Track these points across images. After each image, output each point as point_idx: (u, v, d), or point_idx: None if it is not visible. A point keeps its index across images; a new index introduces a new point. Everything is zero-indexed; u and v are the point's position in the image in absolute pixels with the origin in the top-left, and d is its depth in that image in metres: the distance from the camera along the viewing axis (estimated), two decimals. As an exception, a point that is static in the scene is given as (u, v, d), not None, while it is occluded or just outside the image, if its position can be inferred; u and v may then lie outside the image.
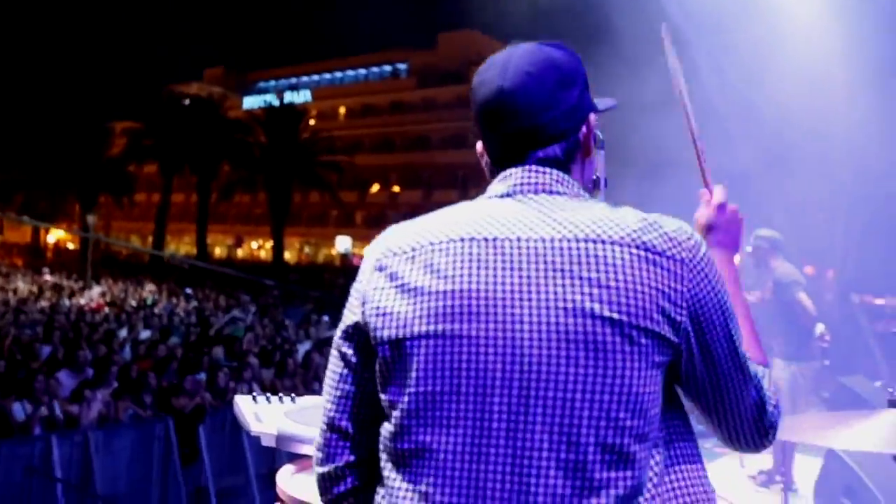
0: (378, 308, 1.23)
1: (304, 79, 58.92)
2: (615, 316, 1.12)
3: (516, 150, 1.30)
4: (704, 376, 1.23)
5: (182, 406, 9.77)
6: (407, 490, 1.19)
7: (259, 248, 55.97)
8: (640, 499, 1.13)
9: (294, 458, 2.28)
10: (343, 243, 50.40)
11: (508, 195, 1.27)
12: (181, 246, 56.18)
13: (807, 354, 5.35)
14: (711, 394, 1.26)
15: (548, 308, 1.14)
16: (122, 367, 10.93)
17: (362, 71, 56.89)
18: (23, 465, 7.39)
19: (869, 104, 10.14)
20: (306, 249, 56.11)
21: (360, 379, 1.27)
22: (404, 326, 1.19)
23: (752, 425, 1.29)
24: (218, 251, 56.00)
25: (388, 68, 55.52)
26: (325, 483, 1.31)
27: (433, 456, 1.16)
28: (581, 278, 1.14)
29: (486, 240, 1.20)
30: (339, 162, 41.00)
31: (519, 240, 1.19)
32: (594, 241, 1.17)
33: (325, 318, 18.45)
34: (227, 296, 24.24)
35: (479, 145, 1.38)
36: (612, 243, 1.16)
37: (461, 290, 1.18)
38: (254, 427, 2.26)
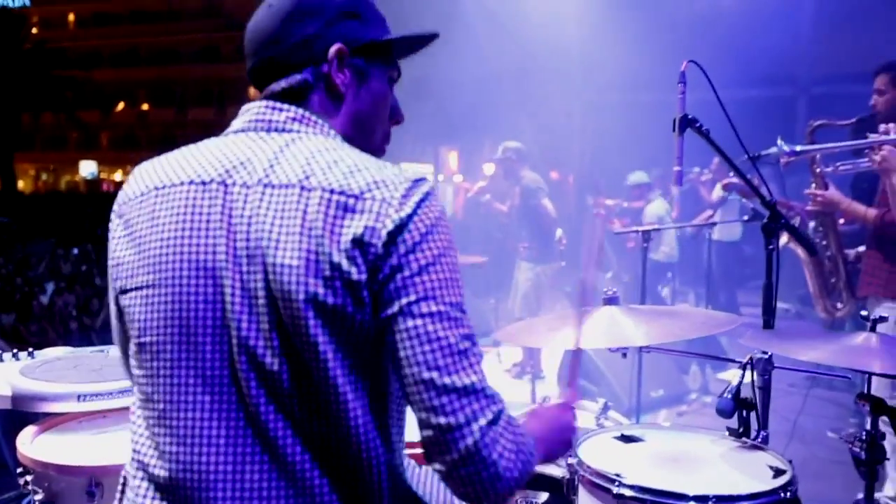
0: (114, 258, 1.23)
1: (19, -20, 51.45)
2: (291, 262, 1.10)
3: (256, 84, 1.30)
4: (393, 310, 1.12)
5: None
6: (145, 437, 1.20)
7: (-15, 177, 49.40)
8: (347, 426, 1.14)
9: (36, 418, 2.15)
10: (88, 168, 46.18)
11: (242, 131, 1.25)
12: None
13: (548, 257, 5.93)
14: (405, 339, 1.11)
15: (245, 258, 1.14)
16: None
17: (91, -26, 50.76)
18: None
19: (596, 22, 11.04)
20: (44, 177, 50.46)
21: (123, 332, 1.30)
22: (128, 277, 1.20)
23: (448, 405, 1.10)
24: (-67, 183, 48.68)
25: (119, -29, 50.06)
26: None
27: (156, 406, 1.17)
28: (270, 225, 1.13)
29: (203, 184, 1.19)
30: (75, 77, 36.79)
31: (234, 184, 1.17)
32: (293, 187, 1.14)
33: (75, 251, 16.98)
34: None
35: None
36: (311, 189, 1.13)
37: (172, 239, 1.17)
38: (-19, 390, 2.10)
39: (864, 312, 1.90)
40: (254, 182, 1.17)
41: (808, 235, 2.58)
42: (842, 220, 3.50)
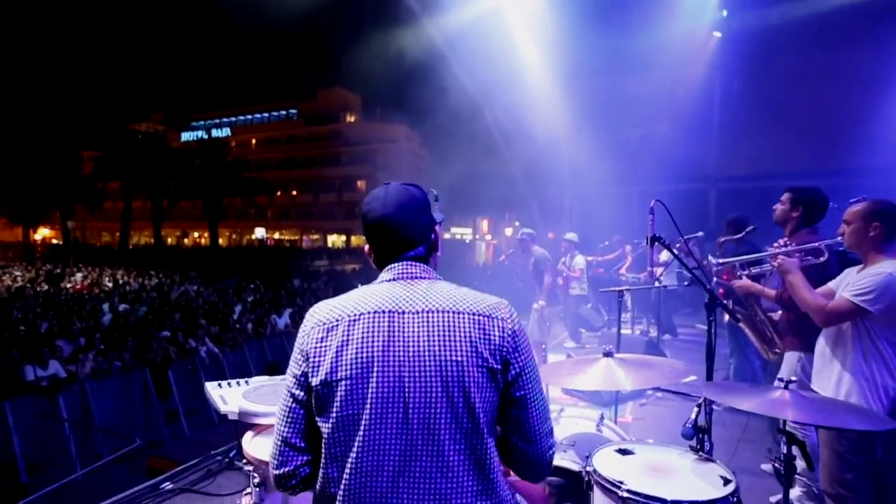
0: (315, 360, 1.22)
1: (225, 119, 53.83)
2: (458, 358, 1.15)
3: (397, 251, 1.31)
4: (519, 394, 1.22)
5: (153, 357, 8.92)
6: (336, 475, 1.19)
7: (199, 237, 51.18)
8: (496, 465, 1.19)
9: (253, 426, 2.17)
10: (259, 232, 47.81)
11: (393, 280, 1.28)
12: (142, 238, 50.17)
13: (553, 302, 5.83)
14: (521, 411, 1.22)
15: (419, 356, 1.17)
16: (105, 333, 9.74)
17: (266, 114, 52.75)
18: (35, 414, 6.53)
19: (577, 139, 11.02)
20: (233, 237, 52.18)
21: (305, 408, 1.25)
22: (331, 373, 1.19)
23: (544, 445, 1.25)
24: (170, 241, 50.70)
25: (283, 113, 51.95)
26: (281, 479, 1.28)
27: (350, 455, 1.17)
28: (439, 335, 1.17)
29: (382, 312, 1.22)
30: (254, 177, 38.40)
31: (404, 312, 1.21)
32: (446, 311, 1.20)
33: (251, 286, 17.36)
34: (180, 273, 22.13)
35: (367, 247, 1.36)
36: (461, 312, 1.20)
37: (368, 347, 1.19)
38: (222, 408, 2.10)
39: (780, 377, 1.81)
40: (420, 309, 1.21)
41: (730, 309, 2.47)
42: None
